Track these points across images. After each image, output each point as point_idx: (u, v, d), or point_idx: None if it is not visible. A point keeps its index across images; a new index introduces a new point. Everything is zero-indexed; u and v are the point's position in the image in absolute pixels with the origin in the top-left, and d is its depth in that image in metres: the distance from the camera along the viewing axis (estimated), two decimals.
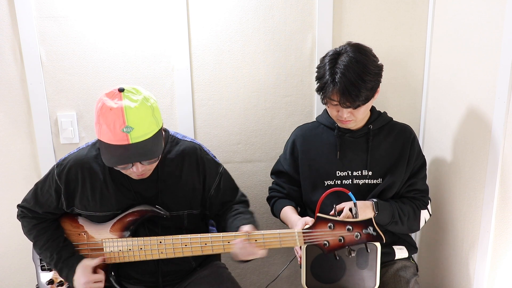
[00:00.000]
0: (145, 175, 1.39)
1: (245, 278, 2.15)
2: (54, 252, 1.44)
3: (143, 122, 1.26)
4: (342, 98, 1.42)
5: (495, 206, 1.42)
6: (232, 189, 1.58)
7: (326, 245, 1.29)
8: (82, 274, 1.41)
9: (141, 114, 1.26)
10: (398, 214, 1.52)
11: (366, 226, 1.26)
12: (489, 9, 1.44)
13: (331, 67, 1.44)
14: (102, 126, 1.25)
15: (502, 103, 1.36)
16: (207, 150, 1.55)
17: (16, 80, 1.84)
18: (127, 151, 1.25)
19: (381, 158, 1.57)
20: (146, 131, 1.27)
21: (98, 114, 1.26)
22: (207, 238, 1.36)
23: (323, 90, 1.46)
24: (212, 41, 1.87)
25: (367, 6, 1.85)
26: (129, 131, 1.23)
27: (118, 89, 1.28)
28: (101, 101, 1.27)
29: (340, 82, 1.40)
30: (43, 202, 1.47)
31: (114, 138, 1.24)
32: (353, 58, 1.42)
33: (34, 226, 1.48)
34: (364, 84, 1.41)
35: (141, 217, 1.44)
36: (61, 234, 1.48)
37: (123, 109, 1.23)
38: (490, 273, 1.48)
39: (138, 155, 1.27)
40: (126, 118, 1.23)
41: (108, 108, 1.24)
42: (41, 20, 1.78)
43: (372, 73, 1.43)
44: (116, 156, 1.26)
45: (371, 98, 1.46)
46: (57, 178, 1.43)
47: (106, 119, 1.24)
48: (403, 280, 1.54)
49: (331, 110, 1.52)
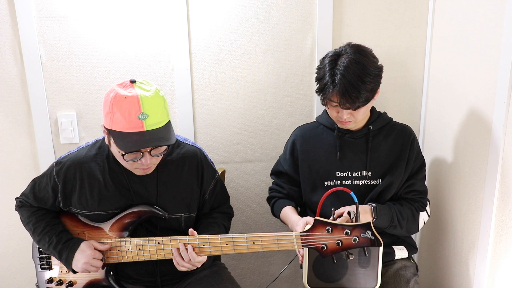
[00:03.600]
0: (150, 169, 1.39)
1: (245, 278, 2.15)
2: (54, 235, 1.43)
3: (157, 110, 1.28)
4: (342, 99, 1.42)
5: (495, 206, 1.42)
6: (222, 196, 1.61)
7: (324, 248, 1.28)
8: (87, 248, 1.40)
9: (155, 102, 1.28)
10: (397, 218, 1.51)
11: (364, 230, 1.25)
12: (489, 9, 1.44)
13: (331, 69, 1.44)
14: (115, 115, 1.26)
15: (502, 103, 1.36)
16: (206, 154, 1.56)
17: (16, 80, 1.84)
18: (143, 137, 1.26)
19: (380, 159, 1.57)
20: (159, 119, 1.29)
21: (111, 103, 1.27)
22: (205, 239, 1.36)
23: (323, 92, 1.46)
24: (212, 41, 1.87)
25: (367, 6, 1.85)
26: (144, 118, 1.25)
27: (129, 81, 1.30)
28: (113, 91, 1.28)
29: (340, 83, 1.40)
30: (40, 197, 1.47)
31: (129, 125, 1.25)
32: (353, 59, 1.42)
33: (33, 213, 1.48)
34: (364, 86, 1.41)
35: (140, 217, 1.44)
36: (60, 222, 1.48)
37: (138, 97, 1.26)
38: (490, 273, 1.48)
39: (154, 140, 1.28)
40: (142, 105, 1.25)
41: (123, 96, 1.25)
42: (41, 20, 1.78)
43: (372, 74, 1.43)
44: (132, 141, 1.26)
45: (371, 99, 1.46)
46: (55, 175, 1.44)
47: (120, 107, 1.25)
48: (403, 280, 1.54)
49: (331, 111, 1.52)
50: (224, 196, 1.62)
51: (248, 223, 2.08)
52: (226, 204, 1.63)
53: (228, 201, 1.65)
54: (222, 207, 1.61)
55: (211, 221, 1.53)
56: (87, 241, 1.43)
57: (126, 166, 1.38)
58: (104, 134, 1.36)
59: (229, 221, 1.63)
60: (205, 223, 1.53)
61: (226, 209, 1.63)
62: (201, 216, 1.56)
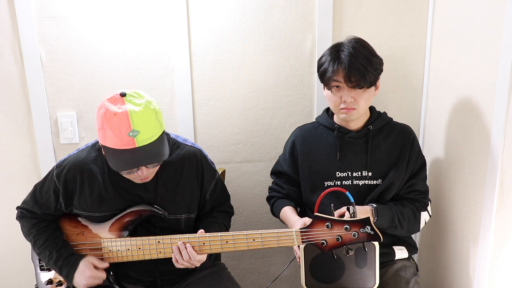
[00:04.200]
0: (148, 178, 1.39)
1: (245, 278, 2.15)
2: (54, 250, 1.44)
3: (148, 125, 1.25)
4: (348, 73, 1.42)
5: (495, 206, 1.42)
6: (223, 196, 1.61)
7: (324, 244, 1.29)
8: (86, 268, 1.40)
9: (145, 117, 1.25)
10: (397, 218, 1.51)
11: (363, 225, 1.26)
12: (489, 9, 1.44)
13: (334, 52, 1.47)
14: (106, 132, 1.24)
15: (502, 103, 1.36)
16: (206, 155, 1.55)
17: (16, 80, 1.84)
18: (134, 154, 1.24)
19: (381, 159, 1.56)
20: (151, 134, 1.26)
21: (102, 120, 1.25)
22: (205, 237, 1.37)
23: (327, 72, 1.46)
24: (212, 41, 1.87)
25: (367, 6, 1.85)
26: (135, 135, 1.23)
27: (119, 94, 1.27)
28: (103, 107, 1.26)
29: (346, 60, 1.42)
30: (42, 203, 1.47)
31: (120, 142, 1.23)
32: (357, 43, 1.46)
33: (34, 225, 1.48)
34: (370, 65, 1.43)
35: (139, 216, 1.44)
36: (60, 234, 1.48)
37: (128, 114, 1.23)
38: (490, 273, 1.48)
39: (146, 158, 1.26)
40: (132, 122, 1.23)
41: (112, 113, 1.23)
42: (41, 20, 1.79)
43: (377, 59, 1.47)
44: (124, 160, 1.25)
45: (374, 84, 1.48)
46: (55, 179, 1.44)
47: (111, 125, 1.23)
48: (403, 280, 1.54)
49: (334, 97, 1.49)
50: (225, 196, 1.63)
51: (248, 223, 2.08)
52: (226, 203, 1.63)
53: (229, 200, 1.65)
54: (223, 206, 1.61)
55: (212, 221, 1.54)
56: (85, 260, 1.42)
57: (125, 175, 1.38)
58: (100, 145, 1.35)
59: (229, 220, 1.63)
60: (206, 222, 1.53)
61: (226, 208, 1.63)
62: (202, 215, 1.57)
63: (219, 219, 1.56)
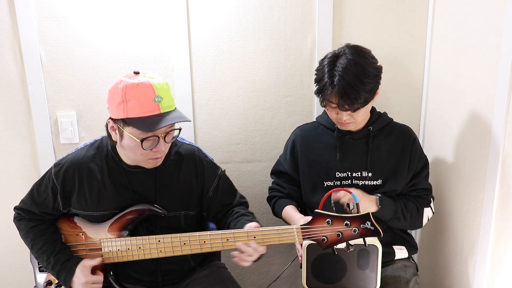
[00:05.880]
0: (161, 159, 1.40)
1: (245, 278, 2.15)
2: (51, 255, 1.43)
3: (167, 94, 1.33)
4: (340, 100, 1.42)
5: (495, 206, 1.42)
6: (230, 191, 1.58)
7: (324, 240, 1.30)
8: (81, 274, 1.41)
9: (164, 88, 1.33)
10: (401, 210, 1.52)
11: (364, 221, 1.27)
12: (489, 9, 1.44)
13: (329, 70, 1.43)
14: (130, 103, 1.28)
15: (502, 103, 1.36)
16: (205, 153, 1.55)
17: (16, 80, 1.84)
18: (162, 118, 1.29)
19: (381, 160, 1.56)
20: (171, 103, 1.34)
21: (123, 91, 1.28)
22: (205, 235, 1.37)
23: (322, 93, 1.46)
24: (212, 41, 1.87)
25: (367, 6, 1.85)
26: (160, 101, 1.29)
27: (134, 72, 1.33)
28: (122, 82, 1.30)
29: (338, 84, 1.40)
30: (40, 202, 1.46)
31: (146, 109, 1.28)
32: (351, 60, 1.42)
33: (31, 229, 1.48)
34: (363, 87, 1.40)
35: (139, 216, 1.43)
36: (58, 238, 1.48)
37: (151, 82, 1.29)
38: (490, 273, 1.48)
39: (175, 118, 1.31)
40: (156, 89, 1.29)
41: (135, 83, 1.28)
42: (41, 20, 1.79)
43: (371, 75, 1.42)
44: (155, 122, 1.29)
45: (370, 100, 1.46)
46: (54, 177, 1.43)
47: (135, 94, 1.27)
48: (403, 280, 1.54)
49: (331, 113, 1.52)
50: (233, 191, 1.59)
51: None
52: (237, 196, 1.59)
53: (238, 193, 1.61)
54: (235, 200, 1.57)
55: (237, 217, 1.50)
56: (81, 265, 1.42)
57: (139, 159, 1.36)
58: (112, 130, 1.35)
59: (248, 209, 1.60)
60: (234, 221, 1.49)
61: (240, 200, 1.59)
62: (221, 218, 1.54)
63: (242, 211, 1.52)
